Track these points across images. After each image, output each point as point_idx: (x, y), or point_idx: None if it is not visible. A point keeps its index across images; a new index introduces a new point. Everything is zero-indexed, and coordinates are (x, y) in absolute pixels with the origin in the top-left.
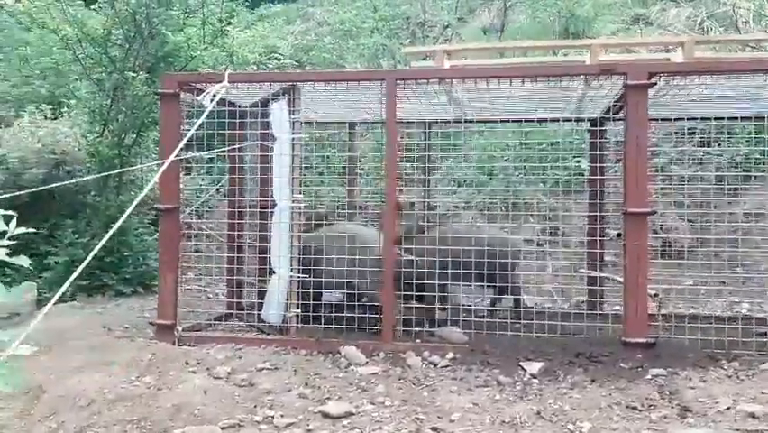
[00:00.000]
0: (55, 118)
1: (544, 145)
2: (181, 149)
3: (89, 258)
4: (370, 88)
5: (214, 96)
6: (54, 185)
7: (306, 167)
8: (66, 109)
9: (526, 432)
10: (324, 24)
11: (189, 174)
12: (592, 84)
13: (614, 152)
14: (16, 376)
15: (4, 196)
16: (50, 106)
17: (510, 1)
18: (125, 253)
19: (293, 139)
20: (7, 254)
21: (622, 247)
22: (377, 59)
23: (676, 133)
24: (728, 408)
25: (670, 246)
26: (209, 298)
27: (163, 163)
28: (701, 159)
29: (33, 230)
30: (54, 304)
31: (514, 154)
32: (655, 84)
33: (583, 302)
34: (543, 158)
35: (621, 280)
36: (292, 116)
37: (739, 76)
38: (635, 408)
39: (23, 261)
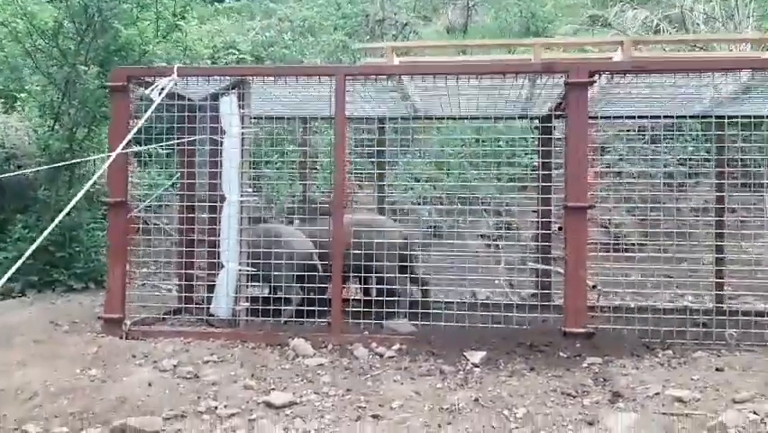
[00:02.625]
0: (6, 112)
1: (500, 143)
2: (135, 142)
3: (30, 250)
4: (320, 83)
5: (162, 89)
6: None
7: (266, 162)
8: (18, 103)
9: (463, 418)
10: (286, 20)
11: (146, 168)
12: (537, 82)
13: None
14: None
15: None
16: (2, 100)
17: (473, 1)
18: (76, 249)
19: (242, 133)
20: None
21: (563, 240)
22: (336, 55)
23: (627, 131)
24: (657, 393)
25: (618, 241)
26: (163, 293)
27: (109, 156)
28: (650, 156)
29: None
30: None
31: (468, 150)
32: (595, 82)
33: (533, 295)
34: (497, 154)
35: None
36: (242, 111)
37: (680, 75)
38: (569, 394)
39: None
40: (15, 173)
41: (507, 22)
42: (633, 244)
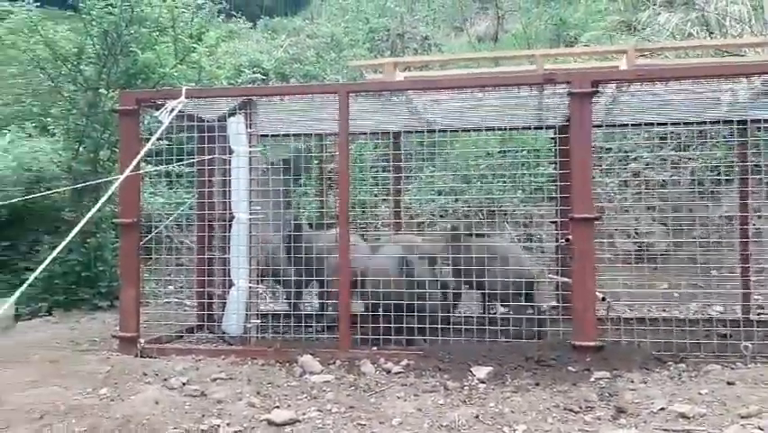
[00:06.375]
0: (34, 136)
1: (524, 152)
2: (148, 163)
3: (41, 268)
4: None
5: (171, 111)
6: (17, 199)
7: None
8: (51, 127)
9: None
10: (314, 37)
11: (172, 188)
12: (544, 92)
13: None
14: None
15: None
16: (33, 124)
17: (503, 10)
18: (101, 268)
19: (250, 152)
20: None
21: (570, 252)
22: (361, 71)
23: (654, 138)
24: (662, 408)
25: (646, 251)
26: (185, 310)
27: (123, 178)
28: (678, 163)
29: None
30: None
31: (489, 162)
32: (598, 92)
33: (554, 307)
34: (520, 165)
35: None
36: (249, 130)
37: (686, 82)
38: (571, 410)
39: None
40: (34, 195)
41: (537, 30)
42: (659, 253)
